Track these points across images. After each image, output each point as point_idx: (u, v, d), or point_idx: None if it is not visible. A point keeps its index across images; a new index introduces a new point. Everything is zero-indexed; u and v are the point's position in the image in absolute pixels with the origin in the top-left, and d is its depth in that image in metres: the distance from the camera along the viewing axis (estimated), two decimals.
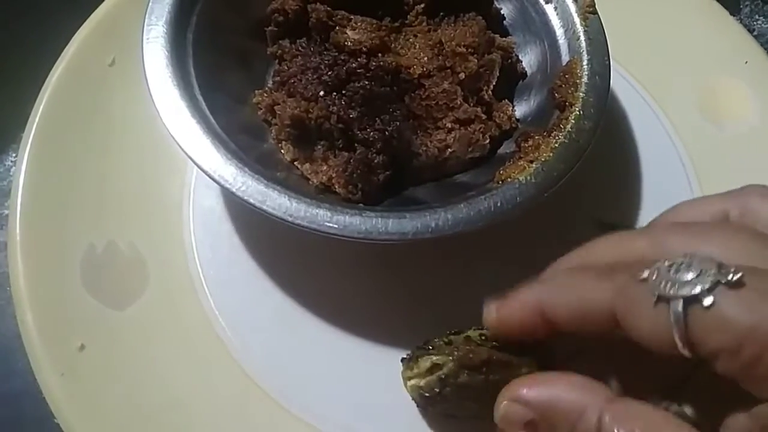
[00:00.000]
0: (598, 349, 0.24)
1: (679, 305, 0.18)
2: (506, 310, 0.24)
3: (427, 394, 0.27)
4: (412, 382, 0.28)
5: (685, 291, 0.18)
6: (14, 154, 0.42)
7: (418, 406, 0.30)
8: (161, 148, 0.37)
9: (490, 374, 0.25)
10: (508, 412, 0.22)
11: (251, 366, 0.33)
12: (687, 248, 0.20)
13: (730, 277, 0.18)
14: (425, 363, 0.27)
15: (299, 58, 0.35)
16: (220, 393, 0.32)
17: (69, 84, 0.38)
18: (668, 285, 0.18)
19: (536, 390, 0.22)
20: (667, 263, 0.19)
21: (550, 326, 0.22)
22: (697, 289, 0.18)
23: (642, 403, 0.20)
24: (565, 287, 0.22)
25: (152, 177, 0.37)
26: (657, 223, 0.25)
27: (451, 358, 0.26)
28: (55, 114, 0.37)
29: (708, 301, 0.18)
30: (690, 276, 0.18)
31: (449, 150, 0.34)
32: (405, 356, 0.29)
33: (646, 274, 0.19)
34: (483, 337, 0.27)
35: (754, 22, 0.50)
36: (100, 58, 0.39)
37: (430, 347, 0.28)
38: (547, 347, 0.26)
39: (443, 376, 0.26)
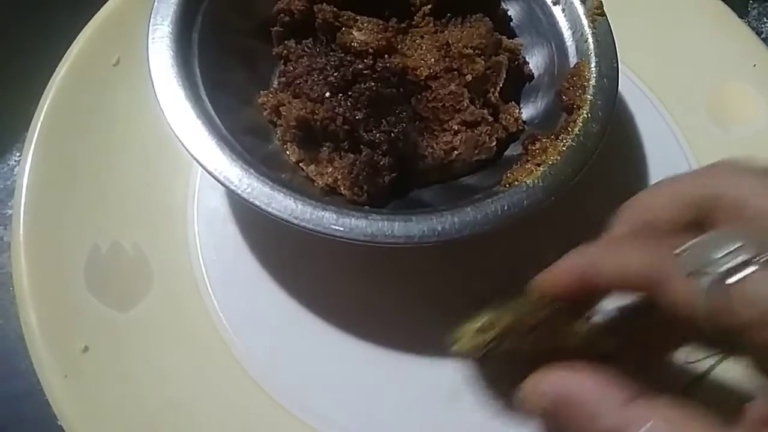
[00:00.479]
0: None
1: (711, 279, 0.19)
2: (552, 275, 0.25)
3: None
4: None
5: (717, 267, 0.19)
6: (18, 154, 0.42)
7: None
8: (165, 148, 0.37)
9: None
10: (526, 398, 0.23)
11: (254, 368, 0.32)
12: (744, 196, 0.21)
13: (760, 257, 0.19)
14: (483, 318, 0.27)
15: (305, 58, 0.35)
16: (223, 394, 0.32)
17: (73, 84, 0.38)
18: (700, 262, 0.20)
19: (554, 384, 0.23)
20: (703, 239, 0.20)
21: (594, 289, 0.24)
22: (728, 266, 0.19)
23: (659, 400, 0.20)
24: (607, 255, 0.23)
25: (156, 177, 0.37)
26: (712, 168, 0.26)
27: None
28: (59, 114, 0.37)
29: (738, 276, 0.19)
30: (722, 253, 0.19)
31: (455, 152, 0.34)
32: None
33: (683, 248, 0.20)
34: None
35: (762, 25, 0.50)
36: (104, 58, 0.39)
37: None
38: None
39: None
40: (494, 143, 0.35)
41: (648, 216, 0.25)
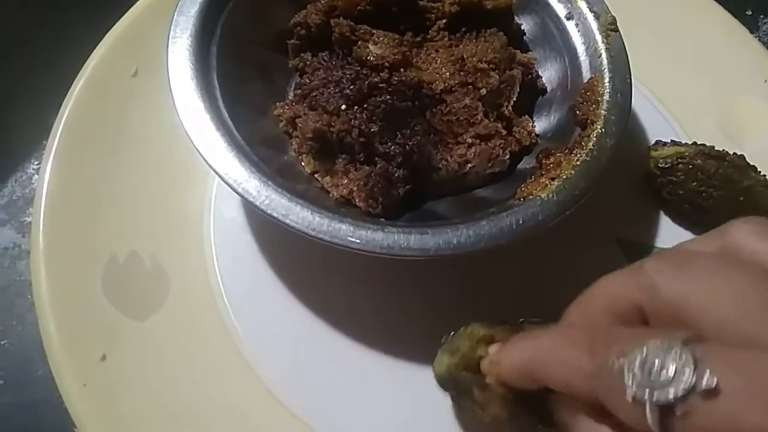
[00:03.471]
0: None
1: (655, 412, 0.18)
2: (501, 370, 0.24)
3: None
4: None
5: (659, 396, 0.17)
6: (36, 162, 0.42)
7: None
8: (183, 158, 0.37)
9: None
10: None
11: (269, 377, 0.33)
12: (679, 294, 0.20)
13: (704, 382, 0.17)
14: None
15: (321, 71, 0.35)
16: (238, 404, 0.32)
17: (92, 94, 0.38)
18: (641, 390, 0.18)
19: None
20: (639, 359, 0.18)
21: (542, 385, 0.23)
22: (671, 396, 0.17)
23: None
24: (550, 355, 0.22)
25: (174, 187, 0.37)
26: (646, 262, 0.24)
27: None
28: (78, 124, 0.37)
29: (681, 410, 0.17)
30: (663, 377, 0.18)
31: (469, 165, 0.34)
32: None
33: (621, 362, 0.19)
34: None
35: None
36: (123, 69, 0.39)
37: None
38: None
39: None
40: (507, 156, 0.35)
41: (590, 317, 0.24)
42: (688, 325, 0.20)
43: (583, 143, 0.33)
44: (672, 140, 0.39)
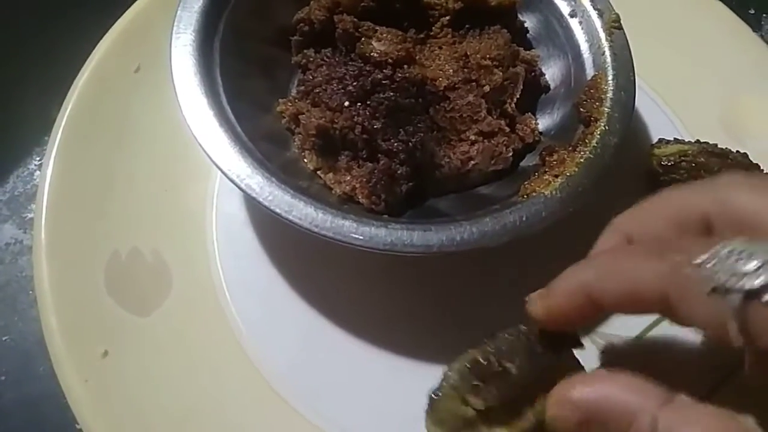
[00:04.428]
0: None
1: (738, 299, 0.17)
2: (552, 299, 0.23)
3: None
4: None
5: (744, 284, 0.17)
6: (38, 158, 0.42)
7: None
8: (184, 154, 0.37)
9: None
10: (557, 414, 0.21)
11: (271, 373, 0.33)
12: (755, 207, 0.20)
13: None
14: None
15: (324, 67, 0.35)
16: (240, 400, 0.32)
17: (95, 90, 0.38)
18: (727, 276, 0.17)
19: (585, 391, 0.21)
20: (726, 249, 0.18)
21: (599, 310, 0.21)
22: (757, 283, 0.17)
23: (699, 405, 0.19)
24: (614, 269, 0.21)
25: (176, 183, 0.37)
26: (718, 178, 0.23)
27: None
28: (80, 119, 0.37)
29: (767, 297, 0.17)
30: (750, 267, 0.17)
31: (472, 162, 0.34)
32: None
33: (702, 258, 0.18)
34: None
35: None
36: (125, 65, 0.39)
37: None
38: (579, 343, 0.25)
39: None
40: (510, 154, 0.35)
41: (650, 226, 0.23)
42: (758, 236, 0.19)
43: (586, 140, 0.33)
44: (675, 138, 0.39)
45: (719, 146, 0.38)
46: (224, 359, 0.33)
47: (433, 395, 0.24)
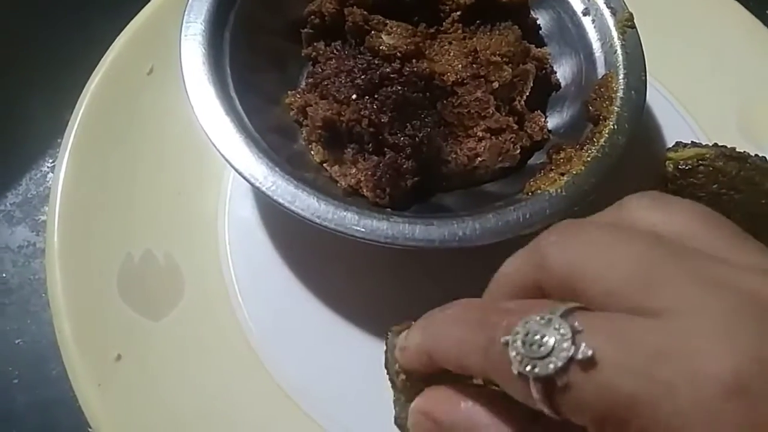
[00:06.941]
0: None
1: (538, 386, 0.17)
2: (406, 357, 0.23)
3: None
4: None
5: (540, 370, 0.17)
6: (51, 160, 0.42)
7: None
8: (197, 157, 0.37)
9: None
10: (415, 422, 0.22)
11: (284, 377, 0.32)
12: (569, 268, 0.19)
13: (581, 353, 0.17)
14: None
15: (333, 60, 0.35)
16: (253, 404, 0.32)
17: (107, 92, 0.38)
18: (526, 362, 0.18)
19: (445, 408, 0.21)
20: (524, 330, 0.18)
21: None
22: (551, 368, 0.17)
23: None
24: (445, 335, 0.21)
25: (189, 186, 0.37)
26: (540, 235, 0.22)
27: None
28: (93, 122, 0.37)
29: (562, 382, 0.17)
30: (544, 350, 0.17)
31: (479, 159, 0.34)
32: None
33: (506, 338, 0.18)
34: None
35: None
36: (138, 67, 0.39)
37: None
38: None
39: None
40: (518, 151, 0.35)
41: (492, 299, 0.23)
42: (577, 296, 0.19)
43: (594, 139, 0.32)
44: (692, 141, 0.38)
45: (737, 150, 0.37)
46: (236, 363, 0.32)
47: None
